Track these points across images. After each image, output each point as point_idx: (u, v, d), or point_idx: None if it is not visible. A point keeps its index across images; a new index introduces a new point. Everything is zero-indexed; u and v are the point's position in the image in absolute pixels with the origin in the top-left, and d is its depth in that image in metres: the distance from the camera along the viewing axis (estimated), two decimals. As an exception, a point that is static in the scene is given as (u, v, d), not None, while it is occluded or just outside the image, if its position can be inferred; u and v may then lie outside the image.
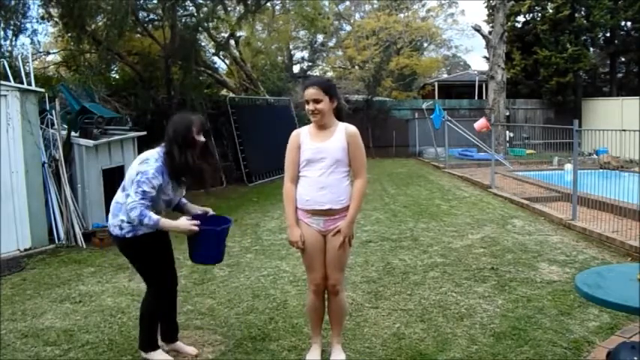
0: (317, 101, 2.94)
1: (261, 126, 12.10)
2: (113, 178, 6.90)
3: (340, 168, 2.97)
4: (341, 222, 3.00)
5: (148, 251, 3.12)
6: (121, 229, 3.03)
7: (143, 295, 3.28)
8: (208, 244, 3.07)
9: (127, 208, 2.92)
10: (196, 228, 2.97)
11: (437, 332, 3.59)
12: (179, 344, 3.39)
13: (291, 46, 23.75)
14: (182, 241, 3.17)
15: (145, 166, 2.94)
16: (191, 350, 3.36)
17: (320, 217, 2.98)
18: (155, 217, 2.91)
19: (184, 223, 3.00)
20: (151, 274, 3.19)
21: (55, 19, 10.33)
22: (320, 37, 23.14)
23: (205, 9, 10.78)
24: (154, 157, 3.00)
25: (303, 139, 3.04)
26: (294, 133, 3.11)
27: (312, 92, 2.94)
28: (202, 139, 3.06)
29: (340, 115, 3.11)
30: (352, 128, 3.03)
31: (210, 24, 11.52)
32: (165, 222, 2.97)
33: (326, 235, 3.03)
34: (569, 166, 11.18)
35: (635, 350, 2.82)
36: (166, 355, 3.26)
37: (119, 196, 3.09)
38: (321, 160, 2.95)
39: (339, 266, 3.09)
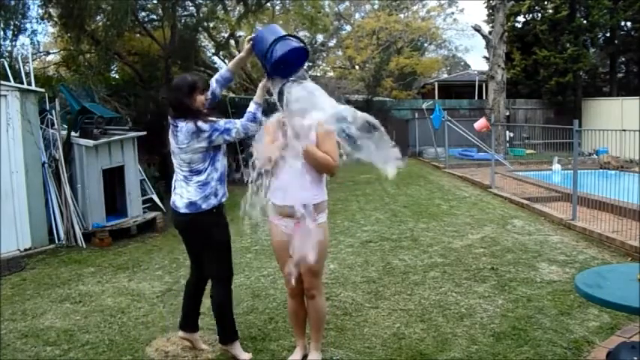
0: None
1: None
2: (113, 178, 6.91)
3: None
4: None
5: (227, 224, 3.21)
6: (216, 195, 3.09)
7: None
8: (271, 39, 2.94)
9: (244, 131, 3.07)
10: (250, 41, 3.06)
11: (437, 332, 3.59)
12: (196, 336, 3.39)
13: (291, 46, 23.70)
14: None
15: (204, 132, 3.01)
16: (205, 347, 3.38)
17: (289, 219, 2.93)
18: (251, 112, 3.09)
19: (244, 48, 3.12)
20: (228, 251, 3.21)
21: (55, 19, 10.33)
22: (320, 37, 23.11)
23: (205, 9, 10.78)
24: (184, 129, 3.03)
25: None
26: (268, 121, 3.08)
27: None
28: (207, 96, 3.14)
29: None
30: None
31: (210, 24, 11.51)
32: (232, 64, 3.28)
33: None
34: (558, 167, 11.20)
35: (635, 350, 2.82)
36: (245, 354, 3.26)
37: (200, 178, 3.06)
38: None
39: (313, 271, 2.98)
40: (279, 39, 2.89)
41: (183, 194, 3.09)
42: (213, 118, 3.07)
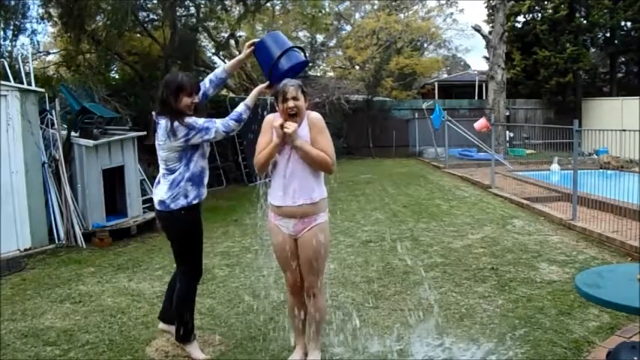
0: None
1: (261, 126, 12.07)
2: (113, 178, 6.91)
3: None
4: (310, 226, 2.93)
5: (200, 222, 3.23)
6: (186, 197, 3.08)
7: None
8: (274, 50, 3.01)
9: (225, 130, 3.08)
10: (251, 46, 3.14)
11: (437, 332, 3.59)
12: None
13: (291, 46, 23.67)
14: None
15: (179, 132, 3.01)
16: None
17: (289, 219, 2.94)
18: (238, 112, 3.09)
19: (243, 52, 3.21)
20: (196, 251, 3.23)
21: (55, 19, 10.33)
22: (320, 37, 23.11)
23: (205, 9, 10.79)
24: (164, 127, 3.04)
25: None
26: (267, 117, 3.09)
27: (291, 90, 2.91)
28: (194, 100, 3.10)
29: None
30: (314, 114, 3.00)
31: (210, 24, 11.52)
32: (229, 65, 3.34)
33: (297, 239, 2.98)
34: (556, 167, 11.20)
35: (635, 350, 2.82)
36: (202, 354, 3.25)
37: (172, 177, 3.07)
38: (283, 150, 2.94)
39: (314, 270, 2.99)
40: (285, 52, 2.97)
41: (159, 190, 3.14)
42: (192, 119, 3.04)
